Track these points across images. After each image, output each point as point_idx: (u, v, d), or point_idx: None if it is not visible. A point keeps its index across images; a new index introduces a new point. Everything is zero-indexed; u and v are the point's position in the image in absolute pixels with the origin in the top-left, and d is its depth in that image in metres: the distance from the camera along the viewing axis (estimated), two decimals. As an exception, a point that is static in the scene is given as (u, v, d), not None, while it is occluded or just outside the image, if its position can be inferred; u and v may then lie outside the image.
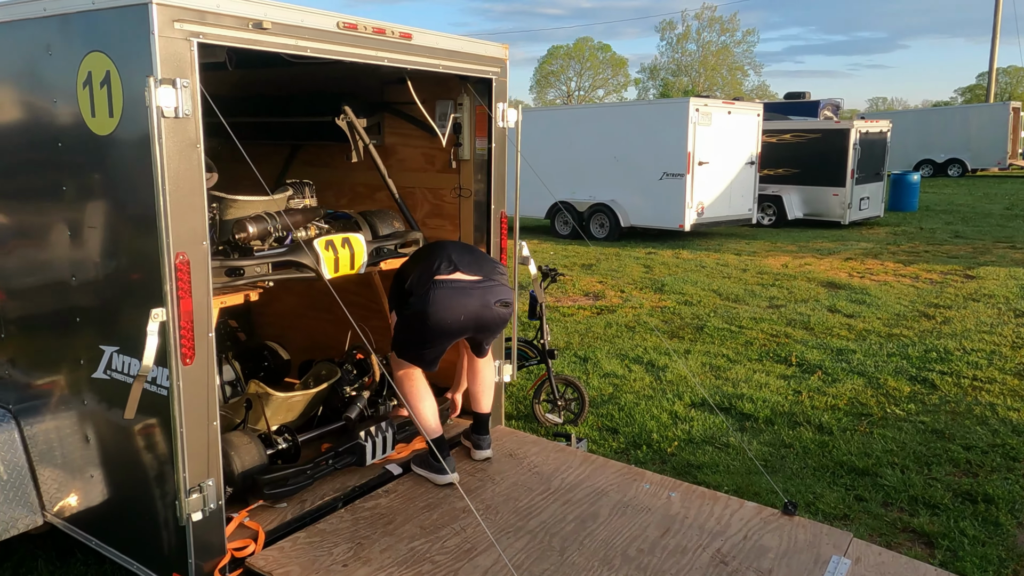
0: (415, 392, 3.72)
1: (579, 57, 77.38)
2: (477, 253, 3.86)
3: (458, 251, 3.75)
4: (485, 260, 3.83)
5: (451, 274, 3.61)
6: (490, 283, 3.69)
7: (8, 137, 3.15)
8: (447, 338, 3.67)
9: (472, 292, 3.62)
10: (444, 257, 3.65)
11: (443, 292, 3.56)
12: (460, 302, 3.59)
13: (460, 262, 3.66)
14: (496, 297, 3.68)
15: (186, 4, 2.58)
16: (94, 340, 3.03)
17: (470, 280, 3.63)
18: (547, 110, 16.36)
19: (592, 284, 10.16)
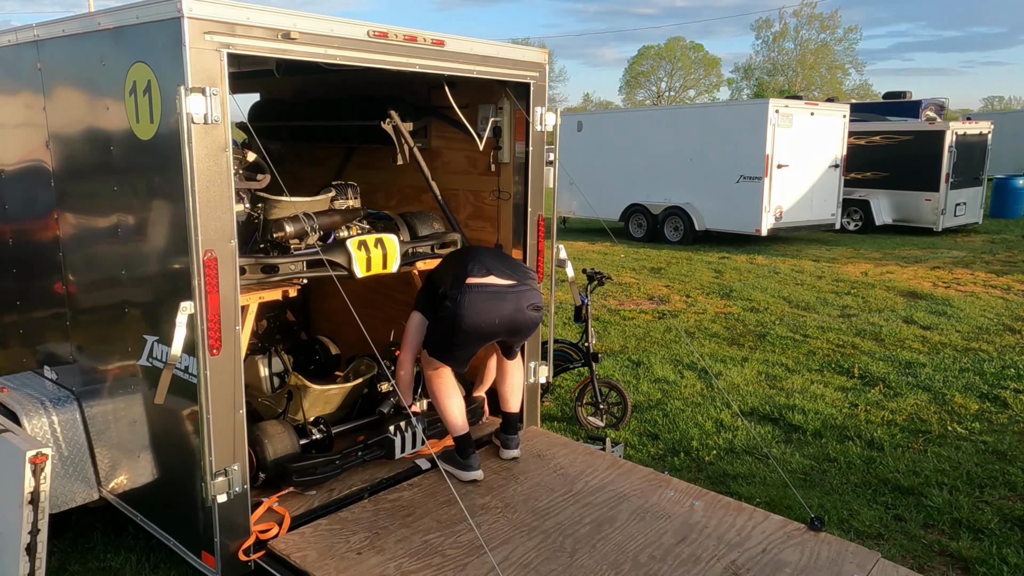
0: (443, 390, 3.81)
1: (670, 57, 76.15)
2: (508, 258, 3.93)
3: (490, 256, 3.82)
4: (517, 265, 3.89)
5: (484, 278, 3.67)
6: (523, 287, 3.75)
7: (73, 142, 3.43)
8: (480, 340, 3.75)
9: (506, 296, 3.68)
10: (477, 261, 3.73)
11: (477, 296, 3.62)
12: (494, 306, 3.65)
13: (492, 266, 3.73)
14: (528, 301, 3.73)
15: (217, 17, 2.75)
16: (139, 330, 3.26)
17: (503, 284, 3.69)
18: (622, 112, 16.25)
19: (658, 288, 10.04)
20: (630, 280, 10.56)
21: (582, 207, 16.02)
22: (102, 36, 3.08)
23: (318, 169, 5.45)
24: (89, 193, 3.41)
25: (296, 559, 3.06)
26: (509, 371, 4.03)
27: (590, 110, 63.04)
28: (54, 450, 3.58)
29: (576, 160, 15.91)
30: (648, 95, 77.18)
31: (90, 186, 3.39)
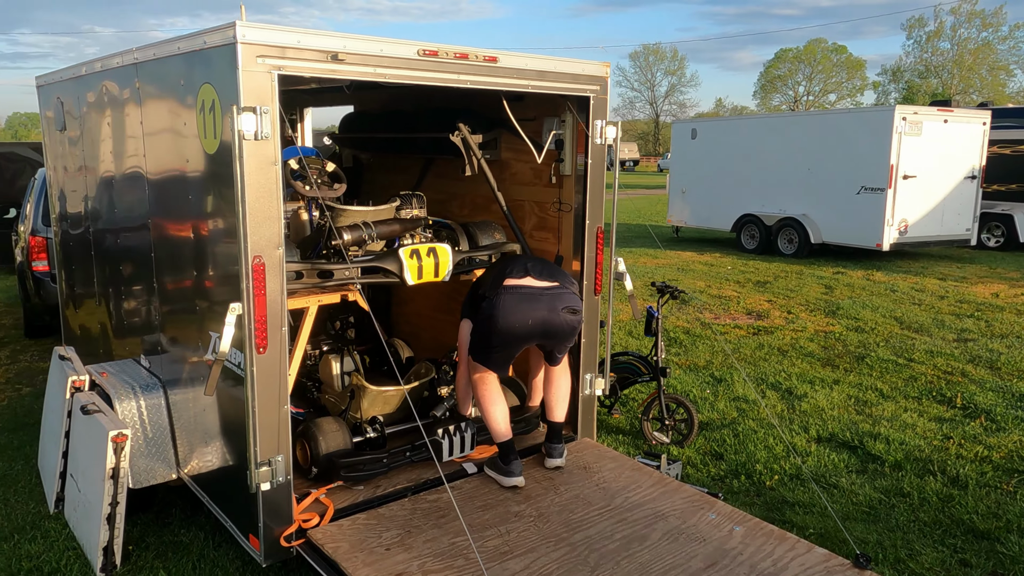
0: (487, 396, 3.90)
1: (809, 60, 72.81)
2: (551, 264, 3.97)
3: (532, 260, 3.89)
4: (557, 270, 3.92)
5: (521, 279, 3.75)
6: (560, 290, 3.79)
7: (162, 154, 3.79)
8: (515, 342, 3.80)
9: (540, 298, 3.73)
10: (517, 264, 3.82)
11: (512, 297, 3.71)
12: (528, 307, 3.71)
13: (532, 269, 3.80)
14: (564, 304, 3.76)
15: (269, 41, 2.97)
16: (206, 327, 3.55)
17: (539, 286, 3.76)
18: (737, 119, 15.76)
19: (759, 303, 9.68)
20: (731, 293, 10.25)
21: (695, 216, 15.67)
22: (180, 59, 3.40)
23: (401, 178, 5.69)
24: (172, 200, 3.76)
25: (329, 549, 3.24)
26: (555, 380, 4.06)
27: (704, 117, 61.29)
28: (140, 431, 3.97)
29: (689, 168, 15.61)
30: (784, 100, 74.12)
31: (173, 194, 3.74)
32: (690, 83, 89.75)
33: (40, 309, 7.70)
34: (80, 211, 5.18)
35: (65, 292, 5.88)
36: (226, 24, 2.94)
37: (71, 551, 3.83)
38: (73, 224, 5.40)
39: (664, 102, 77.28)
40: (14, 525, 4.10)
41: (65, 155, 5.33)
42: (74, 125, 5.01)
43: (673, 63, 77.26)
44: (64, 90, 5.10)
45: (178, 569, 3.66)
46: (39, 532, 4.03)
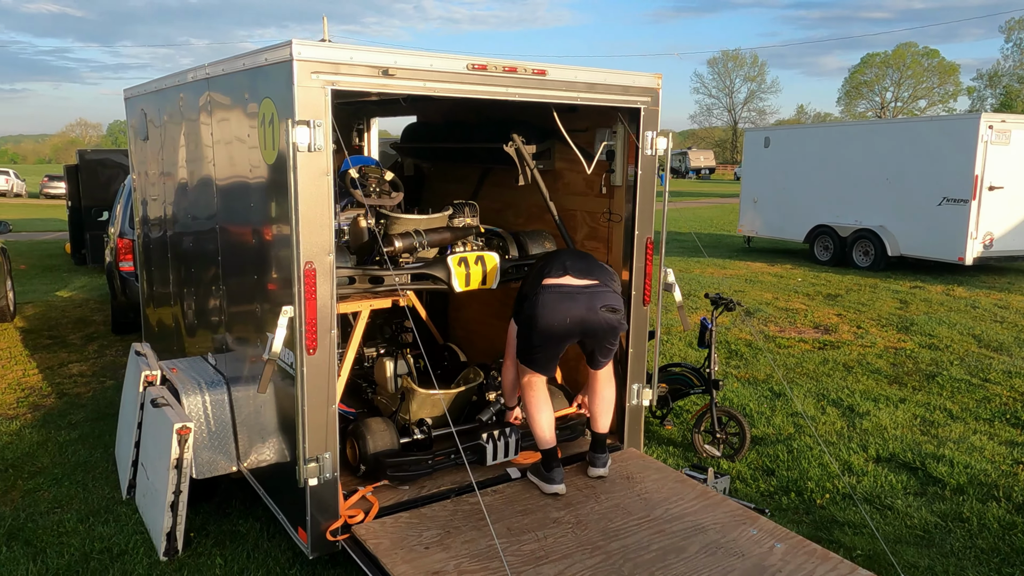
0: (534, 403, 3.96)
1: (898, 65, 70.11)
2: (592, 260, 3.97)
3: (572, 258, 3.91)
4: (598, 267, 3.91)
5: (560, 278, 3.77)
6: (599, 288, 3.79)
7: (228, 163, 4.01)
8: (555, 341, 3.80)
9: (578, 296, 3.74)
10: (556, 263, 3.84)
11: (550, 295, 3.73)
12: (566, 305, 3.73)
13: (571, 268, 3.82)
14: (602, 302, 3.76)
15: (323, 58, 3.13)
16: (265, 327, 3.74)
17: (578, 284, 3.77)
18: (812, 127, 15.32)
19: (828, 316, 9.41)
20: (799, 306, 10.00)
21: (767, 226, 15.34)
22: (245, 75, 3.60)
23: (459, 187, 5.82)
24: (236, 206, 3.98)
25: (371, 545, 3.36)
26: (599, 389, 4.08)
27: (784, 124, 59.56)
28: (203, 425, 4.20)
29: (762, 177, 15.30)
30: (870, 106, 71.59)
31: (236, 200, 3.95)
32: (770, 89, 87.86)
33: (125, 307, 8.19)
34: (159, 215, 5.51)
35: (145, 291, 6.25)
36: (283, 43, 3.12)
37: (139, 535, 4.08)
38: (153, 227, 5.75)
39: (743, 109, 75.78)
40: (90, 508, 4.40)
41: (147, 162, 5.68)
42: (155, 134, 5.34)
43: (753, 69, 75.73)
44: (147, 102, 5.44)
45: (234, 557, 3.86)
46: (112, 516, 4.30)
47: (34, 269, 13.70)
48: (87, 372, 7.15)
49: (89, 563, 3.80)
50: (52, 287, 11.92)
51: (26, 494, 4.58)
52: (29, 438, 5.45)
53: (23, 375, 7.05)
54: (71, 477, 4.81)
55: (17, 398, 6.39)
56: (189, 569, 3.75)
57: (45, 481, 4.75)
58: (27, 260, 14.57)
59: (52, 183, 37.56)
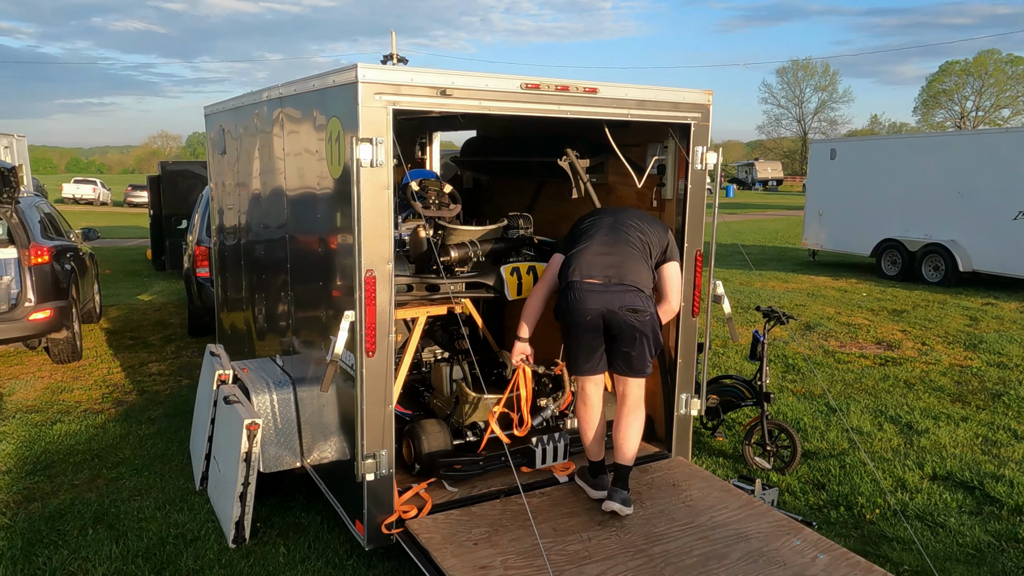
0: (586, 417, 3.93)
1: (979, 73, 67.39)
2: (624, 256, 3.82)
3: (603, 253, 3.82)
4: (628, 268, 3.79)
5: (586, 278, 3.76)
6: (621, 288, 3.72)
7: (297, 177, 4.29)
8: (584, 333, 3.74)
9: (601, 294, 3.71)
10: (584, 260, 3.79)
11: (575, 292, 3.74)
12: (591, 297, 3.71)
13: (597, 269, 3.76)
14: (623, 303, 3.69)
15: (386, 80, 3.35)
16: (328, 331, 3.98)
17: (600, 284, 3.74)
18: (881, 139, 14.98)
19: (891, 332, 9.22)
20: (862, 321, 9.81)
21: (832, 240, 15.05)
22: (314, 95, 3.86)
23: (516, 199, 6.00)
24: (304, 216, 4.24)
25: (423, 539, 3.54)
26: (623, 416, 3.89)
27: (857, 135, 57.81)
28: (271, 422, 4.46)
29: (827, 189, 15.04)
30: (949, 116, 69.00)
31: (304, 211, 4.22)
32: (842, 99, 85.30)
33: (201, 311, 8.65)
34: (233, 224, 5.86)
35: (220, 296, 6.63)
36: (350, 66, 3.35)
37: (210, 523, 4.36)
38: (228, 236, 6.11)
39: (813, 119, 74.04)
40: (167, 497, 4.72)
41: (223, 174, 6.05)
42: (232, 148, 5.69)
43: (824, 78, 73.92)
44: (225, 118, 5.81)
45: (296, 547, 4.09)
46: (186, 505, 4.61)
47: (118, 274, 14.51)
48: (165, 371, 7.60)
49: (165, 547, 4.09)
50: (134, 291, 12.61)
51: (110, 482, 4.94)
52: (113, 431, 5.86)
53: (108, 373, 7.53)
54: (150, 468, 5.16)
55: (102, 394, 6.84)
56: (255, 556, 4.00)
57: (127, 471, 5.11)
58: (112, 265, 15.44)
59: (135, 192, 39.49)
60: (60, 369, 7.65)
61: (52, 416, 6.19)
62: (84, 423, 6.02)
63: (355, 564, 3.90)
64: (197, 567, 3.89)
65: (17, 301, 7.25)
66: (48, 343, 7.66)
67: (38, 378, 7.32)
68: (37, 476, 5.03)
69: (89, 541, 4.14)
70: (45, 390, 6.93)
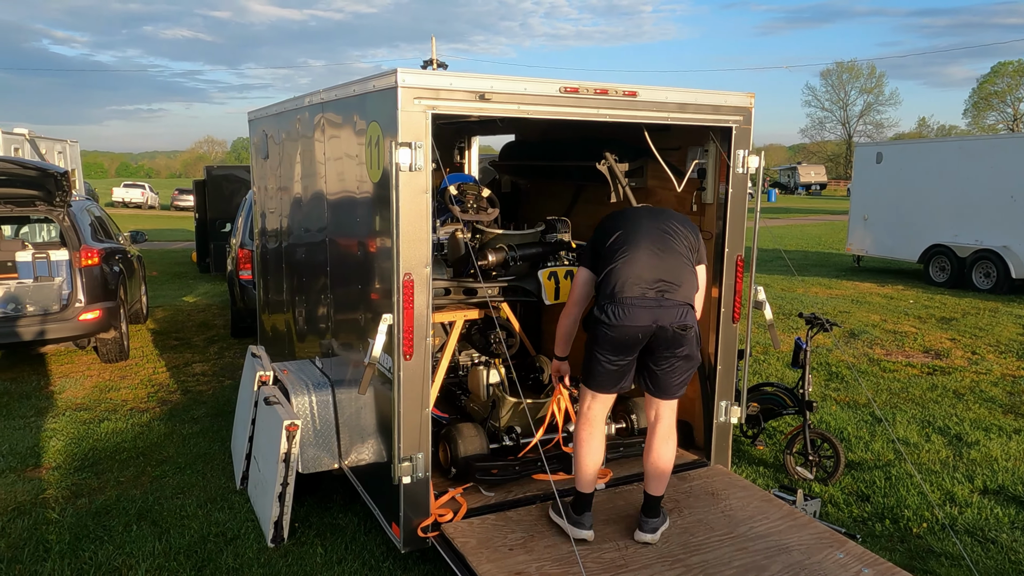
0: (588, 439, 3.60)
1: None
2: (672, 262, 3.48)
3: (650, 260, 3.46)
4: (679, 276, 3.47)
5: (633, 293, 3.43)
6: (674, 304, 3.42)
7: (337, 181, 4.33)
8: (621, 352, 3.46)
9: (652, 309, 3.40)
10: (628, 274, 3.44)
11: (621, 309, 3.40)
12: (636, 320, 3.38)
13: (643, 278, 3.43)
14: (673, 319, 3.40)
15: (426, 85, 3.36)
16: (366, 334, 4.01)
17: (650, 297, 3.42)
18: (927, 142, 14.60)
19: (940, 341, 8.97)
20: (909, 329, 9.57)
21: (877, 245, 14.72)
22: (355, 100, 3.90)
23: (554, 203, 5.98)
24: (343, 220, 4.28)
25: (458, 543, 3.54)
26: (662, 443, 3.61)
27: (904, 138, 56.49)
28: (309, 424, 4.51)
29: (873, 194, 14.72)
30: (1002, 118, 67.01)
31: (344, 215, 4.26)
32: (889, 101, 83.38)
33: (244, 312, 8.80)
34: (275, 228, 5.95)
35: (261, 298, 6.74)
36: (390, 71, 3.37)
37: (249, 522, 4.42)
38: (270, 239, 6.21)
39: (858, 122, 72.56)
40: (208, 496, 4.80)
41: (266, 178, 6.15)
42: (274, 153, 5.78)
43: (870, 80, 72.39)
44: (268, 123, 5.91)
45: (333, 547, 4.13)
46: (227, 504, 4.68)
47: (164, 276, 14.86)
48: (208, 372, 7.74)
49: (206, 545, 4.16)
50: (179, 293, 12.90)
51: (154, 480, 5.05)
52: (157, 430, 5.98)
53: (153, 372, 7.71)
54: (192, 467, 5.26)
55: (148, 393, 7.00)
56: (293, 556, 4.04)
57: (170, 469, 5.22)
58: (158, 267, 15.81)
59: (181, 196, 40.40)
60: (108, 368, 7.84)
61: (100, 414, 6.35)
62: (130, 421, 6.17)
63: (391, 567, 3.92)
64: (236, 565, 3.95)
65: (68, 301, 7.46)
66: (97, 343, 7.87)
67: (87, 377, 7.52)
68: (85, 472, 5.16)
69: (133, 537, 4.23)
70: (93, 388, 7.11)
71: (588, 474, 3.58)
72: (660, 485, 3.60)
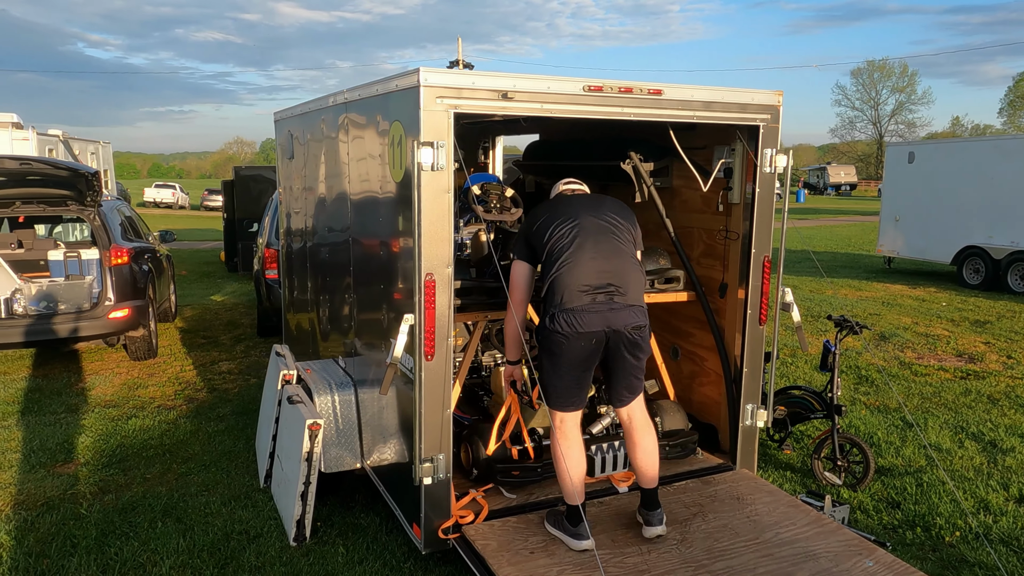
0: (569, 454, 3.52)
1: (1072, 71, 63.80)
2: (618, 261, 3.46)
3: (595, 263, 3.42)
4: (626, 275, 3.46)
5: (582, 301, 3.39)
6: (625, 306, 3.42)
7: (361, 180, 4.33)
8: (576, 365, 3.45)
9: (603, 314, 3.38)
10: (573, 281, 3.39)
11: (572, 317, 3.38)
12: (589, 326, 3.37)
13: (590, 282, 3.39)
14: (626, 322, 3.40)
15: (448, 84, 3.34)
16: (389, 334, 4.00)
17: (600, 301, 3.39)
18: (961, 141, 14.29)
19: (974, 344, 8.77)
20: (941, 332, 9.37)
21: (909, 247, 14.45)
22: (378, 100, 3.89)
23: (578, 203, 5.93)
24: (366, 220, 4.28)
25: (479, 545, 3.51)
26: (640, 439, 3.63)
27: (936, 137, 55.49)
28: (332, 423, 4.52)
29: (905, 194, 14.46)
30: (1038, 117, 65.44)
31: (367, 215, 4.26)
32: (921, 100, 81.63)
33: (270, 311, 8.87)
34: (300, 227, 5.98)
35: (286, 297, 6.78)
36: (412, 70, 3.36)
37: (272, 520, 4.44)
38: (295, 238, 6.24)
39: (890, 121, 71.34)
40: (232, 493, 4.83)
41: (291, 178, 6.18)
42: (299, 153, 5.81)
43: (902, 79, 71.10)
44: (293, 124, 5.94)
45: (355, 547, 4.12)
46: (250, 502, 4.71)
47: (193, 275, 15.04)
48: (234, 370, 7.81)
49: (229, 543, 4.18)
50: (208, 292, 13.04)
51: (179, 477, 5.09)
52: (184, 427, 6.04)
53: (180, 370, 7.79)
54: (217, 464, 5.30)
55: (175, 391, 7.08)
56: (315, 555, 4.04)
57: (195, 466, 5.26)
58: (187, 267, 16.01)
59: (211, 196, 40.93)
60: (137, 366, 7.95)
61: (128, 411, 6.43)
62: (157, 419, 6.24)
63: (412, 567, 3.90)
64: (259, 564, 3.96)
65: (98, 300, 7.57)
66: (126, 341, 7.97)
67: (116, 374, 7.62)
68: (112, 469, 5.22)
69: (158, 534, 4.26)
70: (122, 386, 7.21)
71: (575, 486, 3.48)
72: (653, 476, 3.60)
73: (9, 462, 5.35)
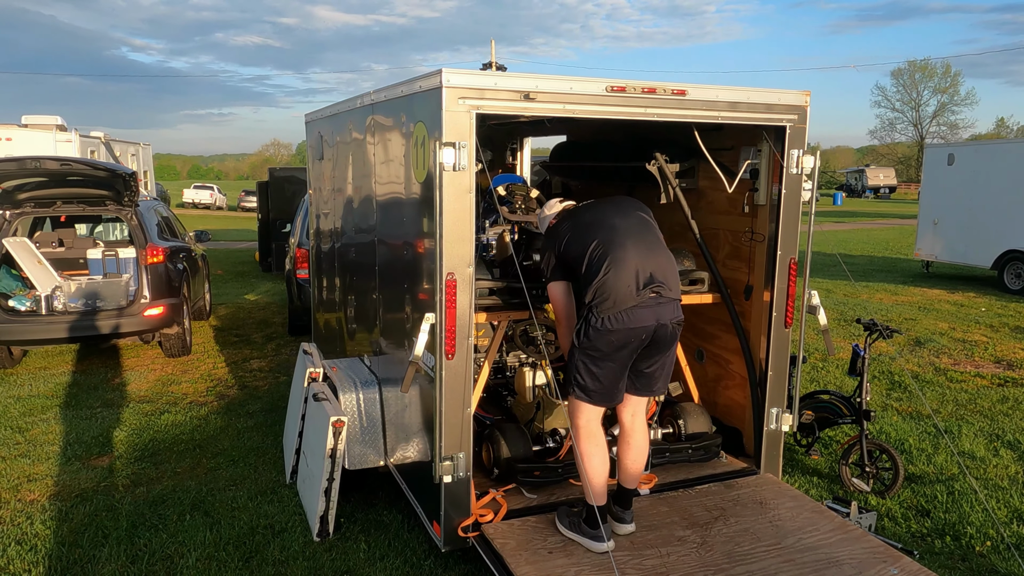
0: (595, 453, 3.52)
1: (1124, 71, 61.77)
2: (661, 255, 3.48)
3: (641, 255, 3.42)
4: (669, 269, 3.48)
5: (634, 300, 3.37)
6: (670, 300, 3.44)
7: (386, 181, 4.38)
8: (621, 360, 3.43)
9: (653, 308, 3.39)
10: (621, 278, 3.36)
11: (623, 315, 3.36)
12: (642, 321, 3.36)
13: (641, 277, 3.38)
14: (672, 315, 3.44)
15: (470, 85, 3.36)
16: (412, 333, 4.03)
17: (650, 296, 3.39)
18: (1003, 143, 13.95)
19: (1013, 350, 8.55)
20: (979, 338, 9.15)
21: (948, 251, 14.13)
22: (402, 101, 3.93)
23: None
24: (391, 220, 4.33)
25: (497, 544, 3.53)
26: (639, 438, 3.65)
27: (981, 139, 54.13)
28: (356, 421, 4.57)
29: (943, 197, 14.15)
30: (1088, 119, 63.45)
31: (392, 215, 4.30)
32: (964, 101, 79.62)
33: (300, 311, 8.99)
34: (329, 228, 6.06)
35: (316, 297, 6.87)
36: (435, 71, 3.39)
37: (297, 516, 4.50)
38: (324, 239, 6.32)
39: (931, 123, 69.79)
40: (259, 488, 4.91)
41: (321, 179, 6.27)
42: (328, 154, 5.89)
43: (945, 80, 69.46)
44: (323, 125, 6.02)
45: (377, 543, 4.17)
46: (276, 497, 4.78)
47: (228, 274, 15.30)
48: (265, 368, 7.93)
49: (255, 537, 4.25)
50: (241, 291, 13.26)
51: (209, 471, 5.19)
52: (214, 423, 6.16)
53: (213, 367, 7.94)
54: (245, 460, 5.39)
55: (207, 387, 7.21)
56: (338, 551, 4.09)
57: (224, 461, 5.36)
58: (223, 266, 16.29)
59: (247, 197, 41.58)
60: (171, 363, 8.12)
61: (161, 406, 6.57)
62: (189, 414, 6.36)
63: (432, 565, 3.93)
64: (283, 558, 4.02)
65: (134, 297, 7.75)
66: (161, 338, 8.15)
67: (151, 370, 7.79)
68: (144, 462, 5.34)
69: (186, 526, 4.35)
70: (156, 382, 7.37)
71: (600, 485, 3.49)
72: (633, 475, 3.65)
73: (47, 454, 5.50)
